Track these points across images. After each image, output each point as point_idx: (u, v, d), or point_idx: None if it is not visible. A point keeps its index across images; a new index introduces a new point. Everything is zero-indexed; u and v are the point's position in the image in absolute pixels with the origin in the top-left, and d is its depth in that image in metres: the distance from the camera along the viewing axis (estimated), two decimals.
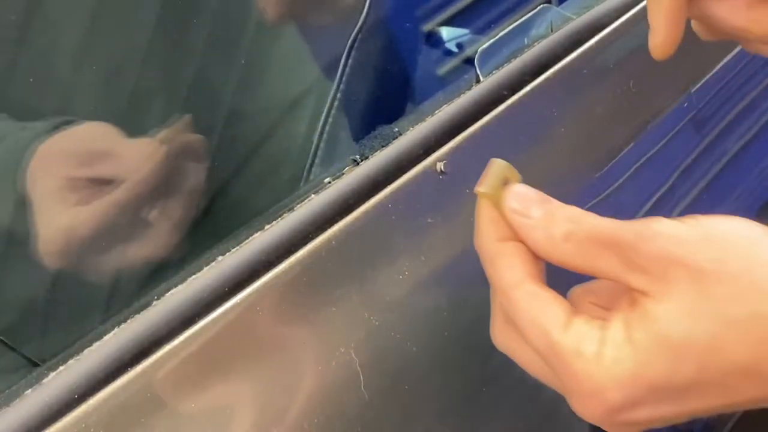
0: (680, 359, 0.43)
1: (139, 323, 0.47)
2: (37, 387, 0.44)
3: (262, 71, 0.63)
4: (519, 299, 0.46)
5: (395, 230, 0.56)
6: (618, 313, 0.45)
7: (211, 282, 0.49)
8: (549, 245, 0.46)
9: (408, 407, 0.56)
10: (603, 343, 0.44)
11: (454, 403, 0.58)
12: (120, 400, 0.45)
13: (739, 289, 0.43)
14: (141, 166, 0.56)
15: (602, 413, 0.44)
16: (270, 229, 0.52)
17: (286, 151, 0.64)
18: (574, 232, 0.45)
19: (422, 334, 0.54)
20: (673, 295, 0.43)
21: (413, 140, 0.59)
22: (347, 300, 0.54)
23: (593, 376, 0.44)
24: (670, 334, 0.43)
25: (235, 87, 0.61)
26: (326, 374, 0.52)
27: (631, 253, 0.44)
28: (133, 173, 0.56)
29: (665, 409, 0.44)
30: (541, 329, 0.45)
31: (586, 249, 0.45)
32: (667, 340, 0.43)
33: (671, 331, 0.43)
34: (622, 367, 0.43)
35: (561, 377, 0.45)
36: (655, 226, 0.44)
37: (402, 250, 0.56)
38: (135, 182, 0.55)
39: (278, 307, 0.51)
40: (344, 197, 0.55)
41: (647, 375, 0.43)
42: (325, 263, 0.53)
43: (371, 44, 0.61)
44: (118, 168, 0.56)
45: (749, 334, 0.42)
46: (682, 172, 0.83)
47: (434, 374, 0.57)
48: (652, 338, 0.43)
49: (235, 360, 0.49)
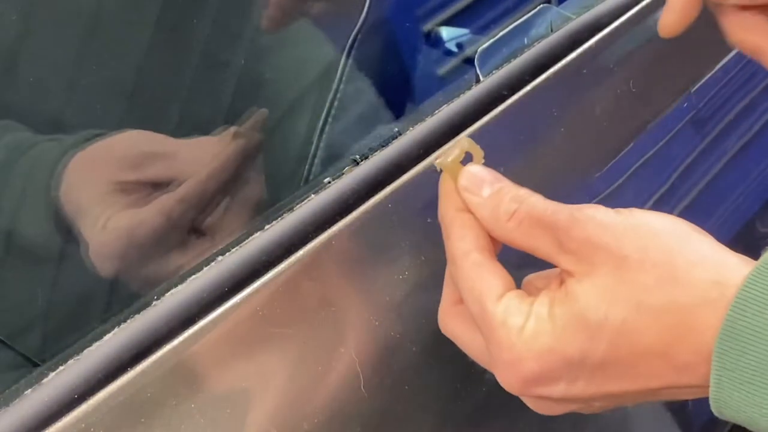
0: (594, 338, 0.45)
1: (139, 323, 0.47)
2: (37, 387, 0.44)
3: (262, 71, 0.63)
4: (464, 267, 0.49)
5: (395, 230, 0.56)
6: (547, 291, 0.47)
7: (211, 282, 0.49)
8: (494, 223, 0.49)
9: (408, 407, 0.56)
10: (528, 317, 0.46)
11: (455, 404, 0.58)
12: (120, 400, 0.45)
13: (657, 279, 0.45)
14: (202, 164, 0.55)
15: (519, 383, 0.47)
16: (270, 229, 0.52)
17: (286, 151, 0.64)
18: (517, 212, 0.48)
19: (422, 334, 0.54)
20: (595, 277, 0.45)
21: (413, 140, 0.59)
22: (347, 300, 0.54)
23: (514, 346, 0.46)
24: (587, 314, 0.45)
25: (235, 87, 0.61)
26: (326, 374, 0.52)
27: (563, 235, 0.47)
28: (191, 173, 0.55)
29: (580, 386, 0.46)
30: (478, 296, 0.48)
31: (526, 228, 0.48)
32: (583, 319, 0.45)
33: (589, 310, 0.45)
34: (541, 341, 0.46)
35: (489, 346, 0.48)
36: (588, 212, 0.47)
37: (402, 250, 0.56)
38: (198, 181, 0.55)
39: (278, 307, 0.51)
40: (344, 197, 0.55)
41: (563, 350, 0.45)
42: (325, 263, 0.53)
43: (371, 44, 0.61)
44: (173, 169, 0.56)
45: (661, 321, 0.44)
46: (682, 172, 0.83)
47: (434, 374, 0.57)
48: (571, 316, 0.45)
49: (234, 360, 0.49)
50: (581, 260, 0.46)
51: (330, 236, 0.53)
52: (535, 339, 0.46)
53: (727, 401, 0.43)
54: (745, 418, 0.43)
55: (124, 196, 0.55)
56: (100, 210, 0.54)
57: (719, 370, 0.43)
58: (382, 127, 0.60)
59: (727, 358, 0.42)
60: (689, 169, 0.84)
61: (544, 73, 0.66)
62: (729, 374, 0.42)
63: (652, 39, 0.73)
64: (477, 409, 0.60)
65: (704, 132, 0.85)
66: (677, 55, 0.76)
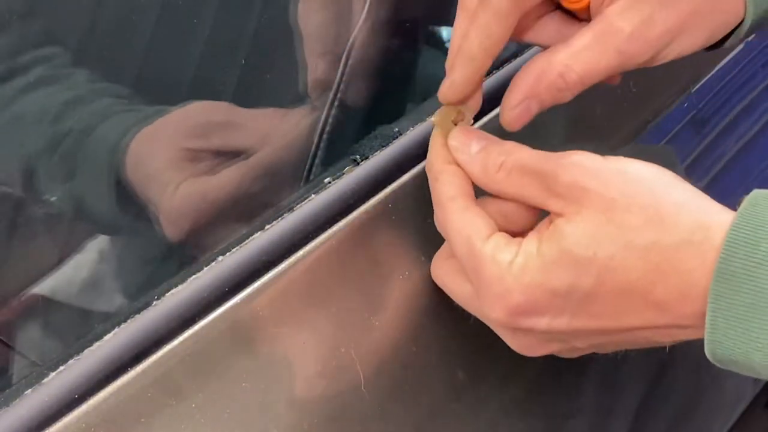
0: (582, 273, 0.47)
1: (139, 323, 0.47)
2: (37, 387, 0.44)
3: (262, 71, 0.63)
4: (450, 211, 0.51)
5: (395, 230, 0.56)
6: (535, 231, 0.49)
7: (211, 282, 0.49)
8: (483, 176, 0.51)
9: (408, 407, 0.56)
10: (516, 254, 0.48)
11: (455, 404, 0.58)
12: (120, 400, 0.45)
13: (645, 220, 0.47)
14: (275, 135, 0.57)
15: (506, 314, 0.49)
16: (270, 229, 0.52)
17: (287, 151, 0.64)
18: (505, 163, 0.51)
19: (422, 334, 0.54)
20: (583, 216, 0.47)
21: (413, 140, 0.59)
22: (347, 300, 0.54)
23: (503, 279, 0.48)
24: (575, 250, 0.47)
25: (235, 87, 0.61)
26: (326, 374, 0.52)
27: (551, 180, 0.49)
28: (262, 143, 0.56)
29: (564, 321, 0.48)
30: (466, 237, 0.50)
31: (515, 178, 0.50)
32: (572, 255, 0.47)
33: (578, 246, 0.47)
34: (529, 275, 0.48)
35: (477, 284, 0.50)
36: (575, 158, 0.49)
37: (402, 250, 0.56)
38: (272, 151, 0.57)
39: (278, 307, 0.51)
40: (344, 197, 0.55)
41: (550, 283, 0.48)
42: (325, 263, 0.53)
43: (371, 44, 0.61)
44: (243, 139, 0.57)
45: (646, 260, 0.46)
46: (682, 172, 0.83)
47: (434, 374, 0.57)
48: (559, 251, 0.47)
49: (234, 360, 0.49)
50: (570, 203, 0.48)
51: (330, 236, 0.53)
52: (523, 272, 0.48)
53: (721, 341, 0.45)
54: (738, 355, 0.45)
55: (193, 164, 0.56)
56: (170, 176, 0.56)
57: (714, 311, 0.45)
58: (382, 127, 0.60)
59: (722, 300, 0.44)
60: (689, 169, 0.84)
61: None
62: (724, 314, 0.44)
63: None
64: (478, 408, 0.60)
65: (704, 132, 0.85)
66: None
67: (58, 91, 0.56)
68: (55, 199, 0.55)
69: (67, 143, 0.55)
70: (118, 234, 0.58)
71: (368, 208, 0.55)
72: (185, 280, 0.49)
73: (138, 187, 0.56)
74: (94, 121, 0.56)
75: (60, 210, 0.56)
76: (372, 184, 0.56)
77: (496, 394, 0.60)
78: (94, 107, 0.57)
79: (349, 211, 0.55)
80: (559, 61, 0.52)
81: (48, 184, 0.55)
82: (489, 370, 0.58)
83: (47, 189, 0.55)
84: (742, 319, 0.44)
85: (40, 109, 0.56)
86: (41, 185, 0.55)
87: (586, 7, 0.54)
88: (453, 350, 0.52)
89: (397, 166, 0.58)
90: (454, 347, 0.52)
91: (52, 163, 0.55)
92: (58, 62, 0.56)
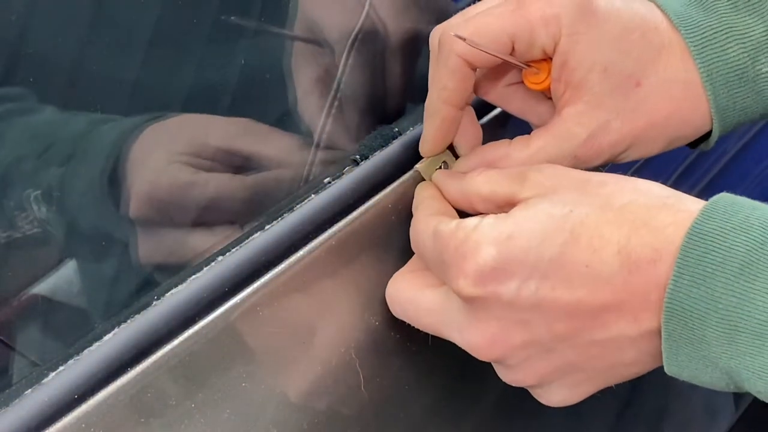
0: (554, 228, 0.47)
1: (139, 323, 0.47)
2: (37, 387, 0.44)
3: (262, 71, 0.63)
4: (419, 219, 0.53)
5: (395, 230, 0.56)
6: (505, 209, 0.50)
7: (211, 282, 0.49)
8: (460, 191, 0.54)
9: (408, 407, 0.56)
10: (481, 219, 0.49)
11: (455, 403, 0.59)
12: (120, 400, 0.45)
13: (619, 188, 0.48)
14: (280, 160, 0.58)
15: (475, 274, 0.47)
16: (270, 229, 0.52)
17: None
18: (482, 171, 0.53)
19: (422, 334, 0.54)
20: (558, 192, 0.48)
21: (413, 140, 0.59)
22: (347, 300, 0.54)
23: (469, 238, 0.48)
24: (548, 209, 0.47)
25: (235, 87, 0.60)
26: (326, 374, 0.52)
27: (523, 177, 0.51)
28: (268, 165, 0.57)
29: (532, 287, 0.47)
30: (433, 228, 0.51)
31: (490, 176, 0.53)
32: (545, 212, 0.48)
33: (552, 206, 0.48)
34: (499, 229, 0.47)
35: (444, 261, 0.49)
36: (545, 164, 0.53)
37: (402, 250, 0.56)
38: (270, 177, 0.57)
39: (278, 307, 0.51)
40: (344, 197, 0.55)
41: (521, 236, 0.47)
42: (325, 263, 0.53)
43: (371, 44, 0.61)
44: (246, 159, 0.57)
45: (621, 217, 0.46)
46: (682, 172, 0.83)
47: (434, 374, 0.58)
48: (533, 211, 0.48)
49: (234, 360, 0.49)
50: (545, 187, 0.49)
51: (330, 236, 0.53)
52: (492, 228, 0.48)
53: (682, 299, 0.44)
54: (696, 315, 0.44)
55: (197, 162, 0.56)
56: (162, 166, 0.55)
57: (681, 267, 0.44)
58: (382, 127, 0.60)
59: (690, 257, 0.44)
60: (689, 169, 0.84)
61: None
62: (690, 270, 0.44)
63: None
64: (478, 408, 0.60)
65: None
66: None
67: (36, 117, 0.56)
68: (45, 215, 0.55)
69: (59, 150, 0.55)
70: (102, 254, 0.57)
71: (368, 208, 0.55)
72: (185, 280, 0.49)
73: (130, 181, 0.55)
74: (89, 127, 0.56)
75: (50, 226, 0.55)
76: (372, 184, 0.56)
77: (497, 395, 0.60)
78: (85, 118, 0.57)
79: (349, 211, 0.55)
80: (516, 158, 0.55)
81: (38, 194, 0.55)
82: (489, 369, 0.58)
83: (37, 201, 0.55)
84: (708, 277, 0.44)
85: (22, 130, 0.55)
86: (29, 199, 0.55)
87: (546, 89, 0.56)
88: (453, 350, 0.52)
89: (397, 166, 0.58)
90: (454, 347, 0.52)
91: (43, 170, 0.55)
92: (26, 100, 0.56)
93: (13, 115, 0.54)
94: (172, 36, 0.58)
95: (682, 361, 0.46)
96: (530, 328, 0.48)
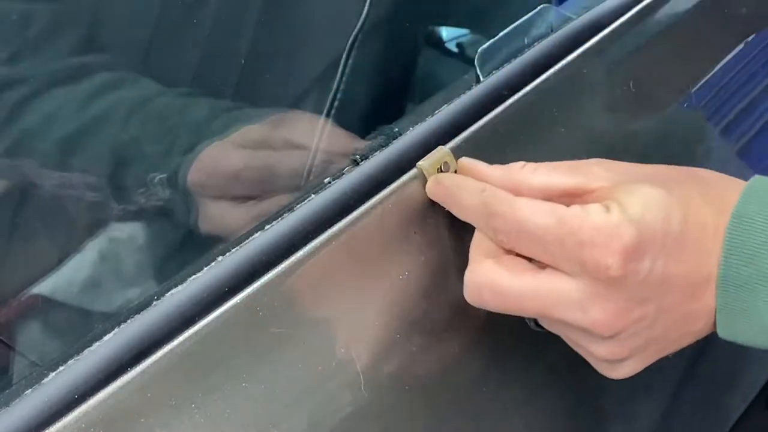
0: (670, 210, 0.50)
1: (139, 323, 0.47)
2: (37, 387, 0.44)
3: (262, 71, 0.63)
4: (519, 202, 0.52)
5: (395, 230, 0.56)
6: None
7: (211, 282, 0.49)
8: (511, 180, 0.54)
9: (408, 407, 0.56)
10: (607, 206, 0.50)
11: (455, 403, 0.58)
12: (120, 400, 0.45)
13: (707, 186, 0.52)
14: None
15: (622, 254, 0.49)
16: (270, 229, 0.52)
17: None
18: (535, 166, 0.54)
19: (422, 334, 0.54)
20: (649, 177, 0.52)
21: (413, 140, 0.59)
22: (347, 300, 0.54)
23: (609, 221, 0.49)
24: (657, 195, 0.50)
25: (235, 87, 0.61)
26: (326, 374, 0.52)
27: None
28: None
29: (660, 264, 0.49)
30: (548, 208, 0.50)
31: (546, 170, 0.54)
32: (657, 197, 0.50)
33: (658, 192, 0.50)
34: (631, 211, 0.49)
35: (575, 244, 0.49)
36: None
37: (402, 250, 0.56)
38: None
39: (278, 307, 0.51)
40: (344, 197, 0.55)
41: (652, 218, 0.49)
42: (324, 263, 0.53)
43: (371, 44, 0.61)
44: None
45: (713, 200, 0.51)
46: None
47: (434, 374, 0.57)
48: (649, 197, 0.50)
49: (234, 360, 0.49)
50: (618, 174, 0.52)
51: (330, 236, 0.53)
52: (625, 211, 0.49)
53: (732, 276, 0.49)
54: (747, 289, 0.49)
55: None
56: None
57: (729, 249, 0.49)
58: (382, 127, 0.60)
59: (735, 238, 0.49)
60: None
61: (544, 73, 0.66)
62: (738, 251, 0.49)
63: (652, 39, 0.73)
64: (478, 408, 0.60)
65: None
66: (677, 55, 0.76)
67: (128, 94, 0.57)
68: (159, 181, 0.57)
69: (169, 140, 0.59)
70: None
71: (368, 208, 0.55)
72: (185, 280, 0.49)
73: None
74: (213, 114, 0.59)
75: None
76: (372, 184, 0.56)
77: (497, 395, 0.60)
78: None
79: (349, 211, 0.55)
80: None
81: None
82: (490, 369, 0.58)
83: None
84: (756, 256, 0.49)
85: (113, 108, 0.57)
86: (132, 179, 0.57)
87: None
88: (453, 350, 0.52)
89: (397, 166, 0.58)
90: (454, 347, 0.52)
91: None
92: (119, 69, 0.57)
93: (111, 88, 0.55)
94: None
95: (737, 328, 0.50)
96: (647, 304, 0.50)
